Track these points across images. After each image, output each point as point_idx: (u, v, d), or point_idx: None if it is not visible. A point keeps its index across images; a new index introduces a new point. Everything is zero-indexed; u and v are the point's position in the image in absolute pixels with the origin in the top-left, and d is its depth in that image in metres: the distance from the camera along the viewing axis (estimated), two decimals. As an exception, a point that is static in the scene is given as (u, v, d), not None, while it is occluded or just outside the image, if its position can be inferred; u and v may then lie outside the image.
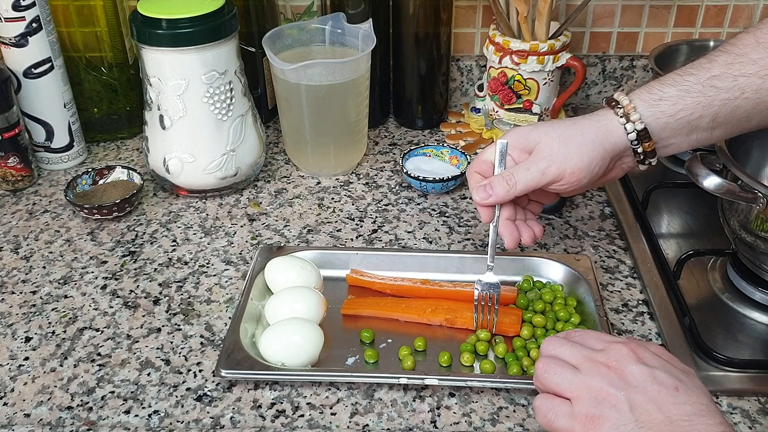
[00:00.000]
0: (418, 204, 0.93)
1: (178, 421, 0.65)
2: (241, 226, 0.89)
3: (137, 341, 0.73)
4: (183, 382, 0.68)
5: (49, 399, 0.67)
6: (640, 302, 0.77)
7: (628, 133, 0.67)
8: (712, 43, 1.06)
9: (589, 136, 0.67)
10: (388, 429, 0.64)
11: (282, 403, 0.66)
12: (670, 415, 0.50)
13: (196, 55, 0.84)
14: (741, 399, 0.66)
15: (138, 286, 0.80)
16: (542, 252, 0.84)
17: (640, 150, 0.68)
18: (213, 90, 0.86)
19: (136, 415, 0.65)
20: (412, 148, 0.98)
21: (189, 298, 0.78)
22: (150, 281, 0.81)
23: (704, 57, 0.67)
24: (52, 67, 0.95)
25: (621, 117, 0.67)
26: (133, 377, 0.69)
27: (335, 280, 0.79)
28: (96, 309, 0.77)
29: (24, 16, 0.90)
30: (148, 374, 0.69)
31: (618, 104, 0.67)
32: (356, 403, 0.66)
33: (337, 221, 0.90)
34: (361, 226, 0.89)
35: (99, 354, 0.72)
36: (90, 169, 0.95)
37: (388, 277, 0.78)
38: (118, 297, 0.79)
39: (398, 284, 0.77)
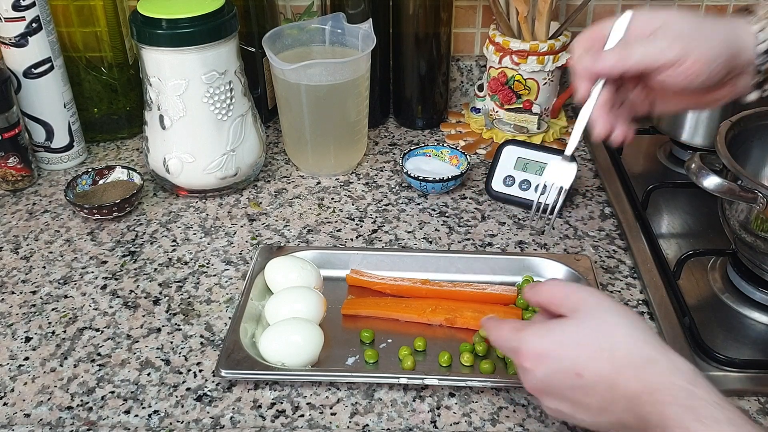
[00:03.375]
0: (418, 204, 0.93)
1: (178, 421, 0.65)
2: (241, 226, 0.89)
3: (137, 341, 0.73)
4: (183, 382, 0.68)
5: (49, 399, 0.67)
6: (640, 302, 0.77)
7: (759, 44, 0.62)
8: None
9: (720, 32, 0.62)
10: (388, 429, 0.64)
11: (282, 403, 0.66)
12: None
13: (196, 55, 0.84)
14: (741, 399, 0.66)
15: (138, 286, 0.80)
16: (542, 252, 0.84)
17: (764, 67, 0.62)
18: (213, 90, 0.86)
19: (136, 415, 0.65)
20: (412, 148, 0.98)
21: (189, 298, 0.78)
22: (150, 281, 0.81)
23: None
24: (52, 67, 0.95)
25: (754, 24, 0.62)
26: (133, 377, 0.69)
27: (335, 280, 0.79)
28: (96, 309, 0.77)
29: (24, 16, 0.90)
30: (148, 374, 0.69)
31: (753, 13, 0.63)
32: (356, 403, 0.66)
33: (337, 221, 0.90)
34: (361, 226, 0.89)
35: (99, 354, 0.72)
36: (90, 169, 0.95)
37: (388, 277, 0.78)
38: (118, 297, 0.79)
39: (398, 284, 0.77)
